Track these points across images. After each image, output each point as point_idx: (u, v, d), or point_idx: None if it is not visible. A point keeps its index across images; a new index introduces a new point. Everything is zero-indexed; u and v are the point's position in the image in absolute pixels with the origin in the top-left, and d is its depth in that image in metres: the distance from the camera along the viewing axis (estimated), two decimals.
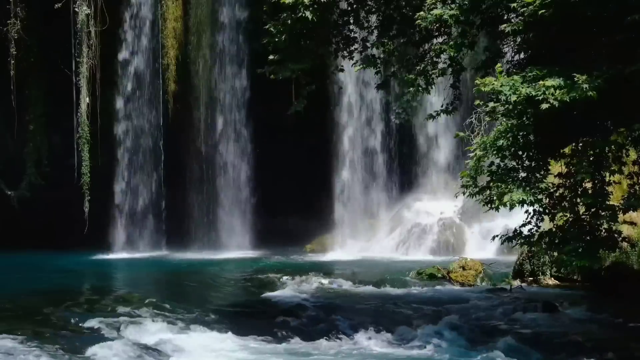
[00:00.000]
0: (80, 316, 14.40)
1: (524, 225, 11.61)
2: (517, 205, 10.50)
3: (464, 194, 11.41)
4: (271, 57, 13.08)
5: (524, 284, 18.24)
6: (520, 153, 10.97)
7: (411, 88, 12.91)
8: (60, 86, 29.12)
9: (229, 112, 30.09)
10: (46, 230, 28.04)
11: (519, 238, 11.61)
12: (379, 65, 13.60)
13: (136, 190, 30.27)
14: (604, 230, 11.17)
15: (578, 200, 11.07)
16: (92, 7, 28.52)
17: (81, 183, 28.93)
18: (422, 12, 11.53)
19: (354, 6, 13.64)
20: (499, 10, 11.38)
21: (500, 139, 10.65)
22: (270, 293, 17.91)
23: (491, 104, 10.68)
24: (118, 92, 30.07)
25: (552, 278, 18.37)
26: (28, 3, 29.30)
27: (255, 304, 16.74)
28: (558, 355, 12.14)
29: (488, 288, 18.45)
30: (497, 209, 10.89)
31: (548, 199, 11.22)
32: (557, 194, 11.29)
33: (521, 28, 10.79)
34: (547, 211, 11.31)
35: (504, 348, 12.18)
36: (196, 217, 30.14)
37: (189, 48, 30.32)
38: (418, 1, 12.41)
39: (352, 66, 13.92)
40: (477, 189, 11.10)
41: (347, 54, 14.03)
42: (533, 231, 11.54)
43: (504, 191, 10.56)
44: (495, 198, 10.75)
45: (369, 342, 13.15)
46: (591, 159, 10.73)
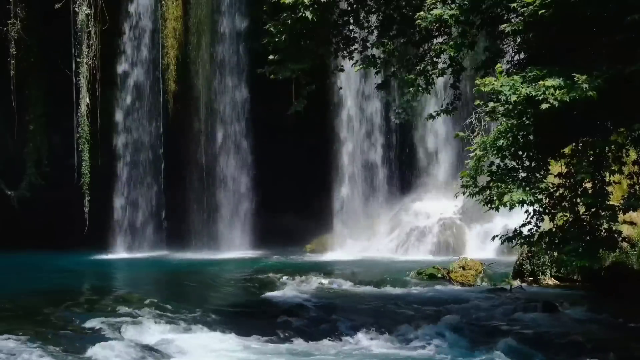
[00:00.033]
0: (80, 316, 14.39)
1: (524, 225, 11.61)
2: (517, 205, 10.49)
3: (464, 194, 11.41)
4: (271, 57, 13.09)
5: (524, 284, 18.23)
6: (520, 153, 10.97)
7: (411, 88, 12.92)
8: (60, 86, 29.13)
9: (229, 116, 30.14)
10: (46, 230, 28.05)
11: (519, 238, 11.61)
12: (379, 65, 13.59)
13: (136, 190, 30.27)
14: (604, 230, 11.16)
15: (578, 200, 11.06)
16: (92, 7, 28.53)
17: (81, 183, 28.94)
18: (422, 12, 11.53)
19: (354, 6, 13.64)
20: (499, 10, 11.38)
21: (500, 139, 10.65)
22: (270, 293, 17.92)
23: (491, 104, 10.68)
24: (118, 91, 30.14)
25: (552, 278, 18.37)
26: (28, 3, 29.31)
27: (255, 304, 16.74)
28: (558, 355, 12.14)
29: (488, 288, 18.45)
30: (497, 209, 10.89)
31: (548, 199, 11.22)
32: (557, 194, 11.29)
33: (521, 28, 10.79)
34: (547, 211, 11.31)
35: (504, 348, 12.18)
36: (196, 217, 30.14)
37: (189, 48, 30.33)
38: (418, 1, 12.41)
39: (352, 66, 13.91)
40: (477, 189, 11.10)
41: (347, 54, 14.04)
42: (533, 231, 11.53)
43: (504, 191, 10.56)
44: (495, 198, 10.75)
45: (370, 343, 13.15)
46: (591, 159, 10.72)
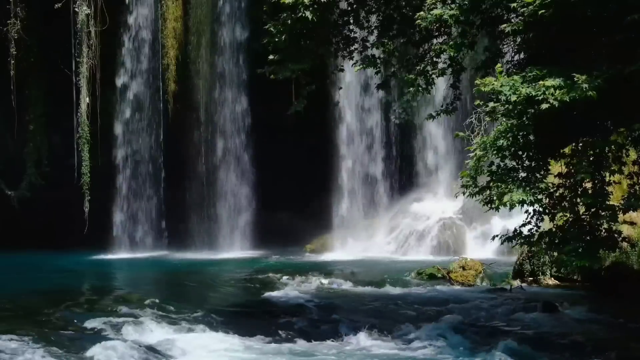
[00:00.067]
0: (81, 316, 14.38)
1: (524, 225, 11.60)
2: (517, 205, 10.49)
3: (464, 194, 11.42)
4: (271, 57, 13.09)
5: (524, 284, 18.22)
6: (520, 153, 10.97)
7: (411, 88, 12.92)
8: (60, 86, 29.14)
9: (229, 116, 30.14)
10: (46, 230, 28.07)
11: (519, 238, 11.61)
12: (379, 65, 13.60)
13: (136, 190, 30.28)
14: (604, 230, 11.16)
15: (578, 200, 11.06)
16: (92, 7, 28.54)
17: (81, 183, 28.95)
18: (422, 12, 11.53)
19: (354, 6, 13.63)
20: (499, 10, 11.38)
21: (500, 139, 10.65)
22: (270, 293, 17.89)
23: (491, 104, 10.68)
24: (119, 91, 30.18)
25: (552, 278, 18.36)
26: (28, 3, 29.33)
27: (256, 304, 16.73)
28: (558, 355, 12.13)
29: (488, 288, 18.45)
30: (497, 209, 10.89)
31: (548, 199, 11.22)
32: (557, 194, 11.28)
33: (521, 28, 10.79)
34: (547, 211, 11.30)
35: (504, 348, 12.15)
36: (196, 217, 30.14)
37: (189, 48, 30.33)
38: (418, 1, 12.42)
39: (352, 66, 13.92)
40: (477, 189, 11.11)
41: (347, 54, 14.03)
42: (533, 231, 11.53)
43: (504, 191, 10.56)
44: (495, 198, 10.76)
45: (371, 343, 13.12)
46: (591, 159, 10.72)
